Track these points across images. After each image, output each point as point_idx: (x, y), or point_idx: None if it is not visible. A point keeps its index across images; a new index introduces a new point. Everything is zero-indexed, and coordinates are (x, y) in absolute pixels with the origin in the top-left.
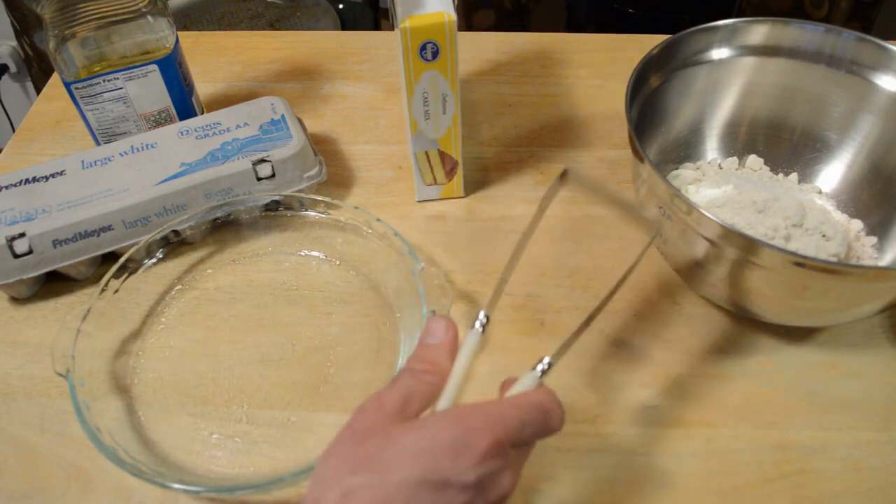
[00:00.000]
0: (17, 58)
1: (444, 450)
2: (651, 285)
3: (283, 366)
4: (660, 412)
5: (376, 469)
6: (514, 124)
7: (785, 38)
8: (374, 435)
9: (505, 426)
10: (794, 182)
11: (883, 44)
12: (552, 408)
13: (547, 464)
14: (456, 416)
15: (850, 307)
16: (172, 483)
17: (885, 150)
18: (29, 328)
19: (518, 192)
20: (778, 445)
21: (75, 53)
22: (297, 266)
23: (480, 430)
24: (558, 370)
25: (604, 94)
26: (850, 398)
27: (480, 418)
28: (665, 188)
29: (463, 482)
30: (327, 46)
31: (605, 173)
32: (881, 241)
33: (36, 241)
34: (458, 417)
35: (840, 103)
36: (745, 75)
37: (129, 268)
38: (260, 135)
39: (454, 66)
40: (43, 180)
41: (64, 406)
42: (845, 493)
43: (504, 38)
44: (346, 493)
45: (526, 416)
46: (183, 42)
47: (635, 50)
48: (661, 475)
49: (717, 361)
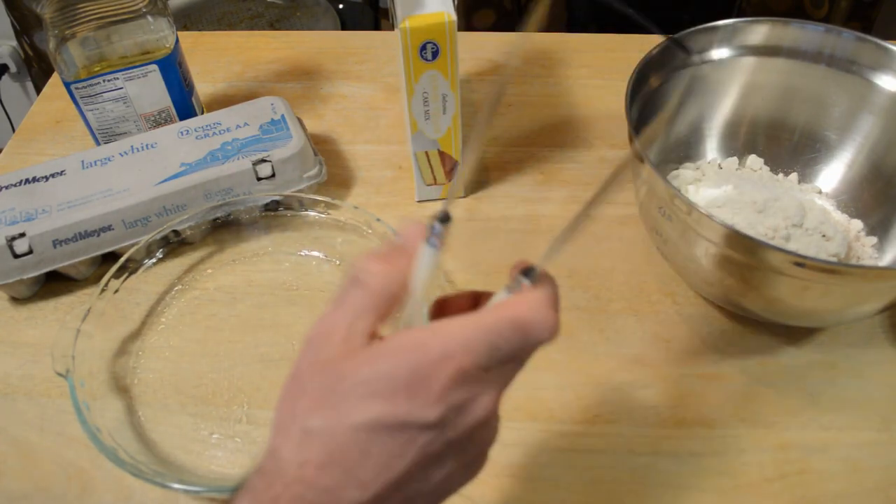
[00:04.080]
0: (17, 58)
1: (398, 387)
2: (651, 285)
3: (283, 366)
4: (660, 412)
5: (329, 412)
6: (514, 124)
7: (785, 38)
8: (323, 371)
9: (469, 352)
10: (794, 182)
11: (883, 44)
12: (532, 319)
13: (547, 464)
14: (410, 345)
15: (850, 307)
16: (172, 483)
17: (885, 150)
18: (29, 328)
19: (518, 192)
20: (778, 445)
21: (75, 53)
22: (297, 266)
23: (438, 361)
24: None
25: (604, 94)
26: (850, 398)
27: (438, 346)
28: (665, 188)
29: (422, 422)
30: (327, 46)
31: (605, 173)
32: (881, 241)
33: (36, 241)
34: (413, 347)
35: (840, 103)
36: (745, 75)
37: (129, 268)
38: (260, 135)
39: (454, 66)
40: (43, 180)
41: (64, 406)
42: (845, 493)
43: (504, 38)
44: (303, 438)
45: (495, 337)
46: (183, 42)
47: (635, 50)
48: (661, 475)
49: (717, 361)
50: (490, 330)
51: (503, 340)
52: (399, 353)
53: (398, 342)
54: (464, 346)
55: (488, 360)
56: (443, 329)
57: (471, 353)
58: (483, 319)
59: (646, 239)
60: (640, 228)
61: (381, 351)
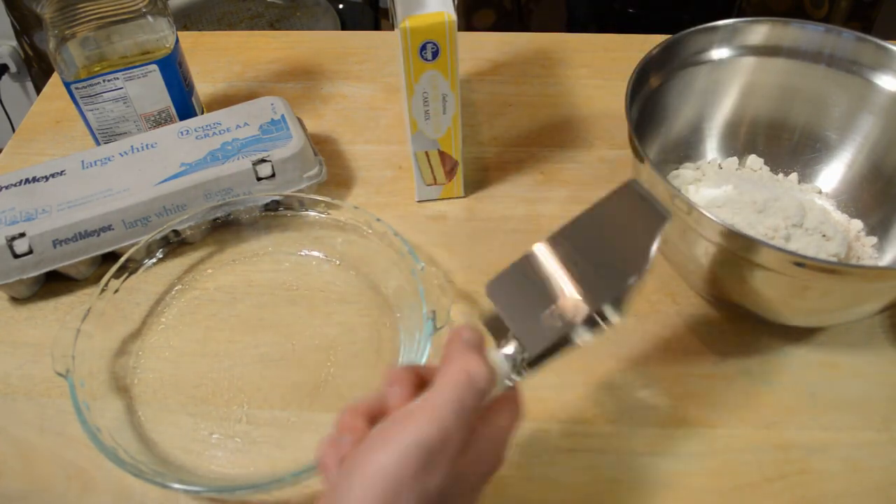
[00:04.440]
0: (17, 58)
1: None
2: (651, 285)
3: (283, 366)
4: (660, 412)
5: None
6: (514, 124)
7: (785, 38)
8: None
9: (414, 461)
10: (794, 182)
11: (883, 44)
12: (461, 391)
13: (547, 464)
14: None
15: (850, 307)
16: (172, 483)
17: (885, 150)
18: (29, 328)
19: (518, 192)
20: (778, 445)
21: (75, 53)
22: (297, 266)
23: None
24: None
25: (604, 94)
26: (850, 398)
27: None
28: (665, 188)
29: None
30: (327, 46)
31: (605, 173)
32: (881, 241)
33: (36, 241)
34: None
35: (840, 103)
36: (745, 75)
37: (129, 268)
38: (260, 135)
39: (454, 66)
40: (43, 180)
41: (64, 406)
42: (845, 493)
43: (504, 38)
44: None
45: (440, 424)
46: (183, 42)
47: (635, 50)
48: (661, 475)
49: (717, 361)
50: (430, 421)
51: (450, 422)
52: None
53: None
54: (398, 463)
55: (443, 443)
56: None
57: (420, 468)
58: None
59: None
60: None
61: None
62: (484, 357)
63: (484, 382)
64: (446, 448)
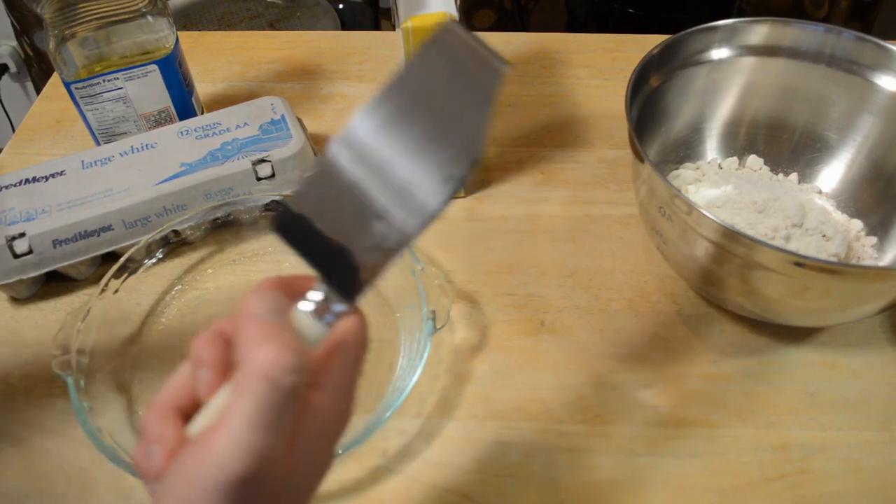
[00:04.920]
0: (17, 58)
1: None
2: (651, 285)
3: None
4: (660, 412)
5: None
6: (514, 124)
7: (785, 38)
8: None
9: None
10: (794, 182)
11: (883, 44)
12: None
13: (547, 464)
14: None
15: (850, 307)
16: None
17: (885, 150)
18: (29, 328)
19: (518, 192)
20: (778, 445)
21: (75, 53)
22: (297, 266)
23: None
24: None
25: (604, 94)
26: (850, 398)
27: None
28: (665, 188)
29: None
30: (327, 46)
31: (605, 173)
32: (881, 241)
33: (36, 241)
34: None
35: (840, 103)
36: (745, 75)
37: (129, 268)
38: (260, 135)
39: None
40: (43, 180)
41: (64, 406)
42: (845, 493)
43: (504, 38)
44: None
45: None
46: (183, 42)
47: (635, 50)
48: (661, 475)
49: (717, 361)
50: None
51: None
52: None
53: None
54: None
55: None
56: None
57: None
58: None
59: (646, 239)
60: (640, 228)
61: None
62: (285, 334)
63: (290, 374)
64: (263, 470)
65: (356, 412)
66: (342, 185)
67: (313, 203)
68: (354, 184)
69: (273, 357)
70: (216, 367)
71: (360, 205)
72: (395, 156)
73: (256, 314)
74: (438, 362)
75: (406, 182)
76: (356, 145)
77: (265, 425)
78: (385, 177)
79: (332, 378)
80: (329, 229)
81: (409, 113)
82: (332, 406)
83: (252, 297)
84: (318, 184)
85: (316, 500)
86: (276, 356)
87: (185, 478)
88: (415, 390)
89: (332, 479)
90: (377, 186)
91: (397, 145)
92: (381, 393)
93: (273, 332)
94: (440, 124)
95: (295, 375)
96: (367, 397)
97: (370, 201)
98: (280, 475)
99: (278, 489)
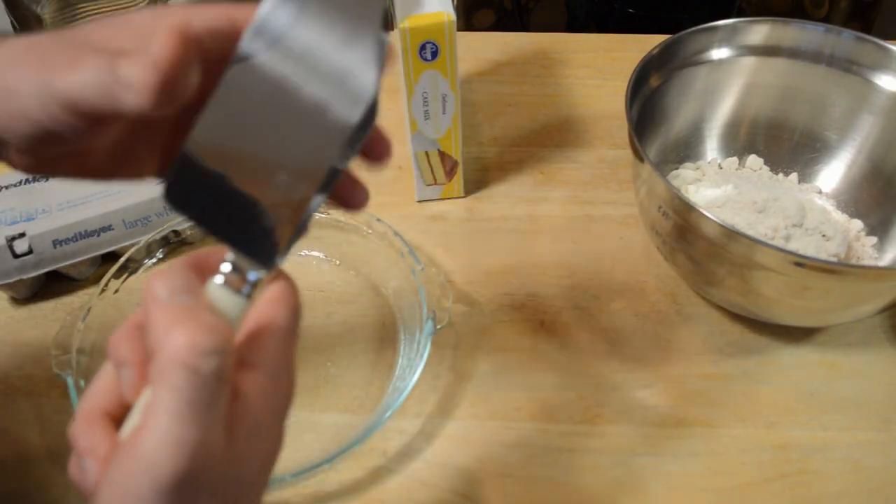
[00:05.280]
0: None
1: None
2: (651, 285)
3: None
4: (660, 412)
5: None
6: (514, 124)
7: (785, 38)
8: None
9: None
10: (794, 182)
11: (883, 44)
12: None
13: (547, 464)
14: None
15: (850, 307)
16: None
17: (885, 150)
18: (29, 328)
19: (518, 192)
20: (778, 445)
21: None
22: (297, 266)
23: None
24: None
25: (604, 94)
26: (850, 398)
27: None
28: (665, 188)
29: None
30: None
31: (605, 173)
32: (881, 241)
33: (36, 241)
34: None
35: (840, 103)
36: (745, 75)
37: (129, 268)
38: None
39: (454, 66)
40: (43, 180)
41: (64, 406)
42: (845, 493)
43: (504, 38)
44: None
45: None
46: None
47: (635, 50)
48: (662, 475)
49: (717, 361)
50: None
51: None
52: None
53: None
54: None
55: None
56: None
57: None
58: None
59: (646, 239)
60: (640, 228)
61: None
62: (199, 314)
63: (211, 357)
64: (199, 465)
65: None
66: (255, 92)
67: (213, 150)
68: (274, 80)
69: (187, 341)
70: (138, 364)
71: (277, 122)
72: (320, 42)
73: (163, 298)
74: (438, 362)
75: (338, 68)
76: (273, 34)
77: (192, 418)
78: (314, 66)
79: (263, 354)
80: (231, 187)
81: (316, 2)
82: (269, 384)
83: (156, 280)
84: (222, 110)
85: (269, 488)
86: (191, 340)
87: (117, 488)
88: (415, 390)
89: (332, 479)
90: (307, 78)
91: (318, 31)
92: (381, 393)
93: (184, 314)
94: (346, 14)
95: (216, 358)
96: (367, 397)
97: (299, 98)
98: (221, 469)
99: (222, 484)
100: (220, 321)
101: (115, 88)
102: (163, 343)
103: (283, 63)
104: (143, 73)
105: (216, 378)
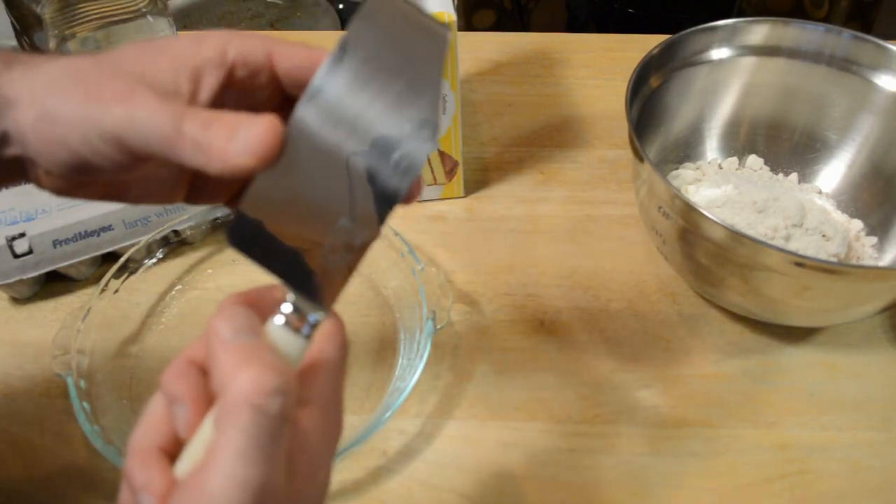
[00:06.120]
0: None
1: None
2: (651, 285)
3: None
4: (660, 412)
5: None
6: (514, 124)
7: (785, 38)
8: None
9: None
10: (794, 182)
11: (883, 44)
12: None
13: (547, 464)
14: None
15: (850, 307)
16: None
17: (885, 150)
18: (29, 328)
19: (518, 192)
20: (778, 445)
21: (75, 53)
22: None
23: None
24: (560, 371)
25: (604, 94)
26: (850, 398)
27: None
28: (665, 188)
29: None
30: (327, 46)
31: (605, 173)
32: (881, 241)
33: (36, 241)
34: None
35: (840, 103)
36: (745, 75)
37: (129, 268)
38: None
39: (454, 66)
40: None
41: (64, 406)
42: (845, 493)
43: (504, 38)
44: None
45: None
46: None
47: (635, 50)
48: (662, 475)
49: (717, 361)
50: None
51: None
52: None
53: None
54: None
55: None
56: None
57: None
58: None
59: (646, 239)
60: (640, 228)
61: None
62: (264, 355)
63: (277, 398)
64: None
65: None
66: (311, 154)
67: (273, 200)
68: (328, 146)
69: (255, 382)
70: (193, 401)
71: (332, 181)
72: (370, 111)
73: (228, 338)
74: (438, 362)
75: (387, 136)
76: (326, 101)
77: (258, 458)
78: (363, 133)
79: (317, 391)
80: (292, 232)
81: (373, 69)
82: (323, 420)
83: (219, 319)
84: (279, 170)
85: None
86: (258, 380)
87: None
88: (415, 390)
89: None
90: (355, 144)
91: (370, 100)
92: (381, 393)
93: (250, 354)
94: (402, 80)
95: (282, 398)
96: (367, 397)
97: (346, 165)
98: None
99: None
100: (283, 361)
101: (178, 142)
102: (229, 383)
103: (334, 131)
104: (233, 149)
105: (281, 418)
